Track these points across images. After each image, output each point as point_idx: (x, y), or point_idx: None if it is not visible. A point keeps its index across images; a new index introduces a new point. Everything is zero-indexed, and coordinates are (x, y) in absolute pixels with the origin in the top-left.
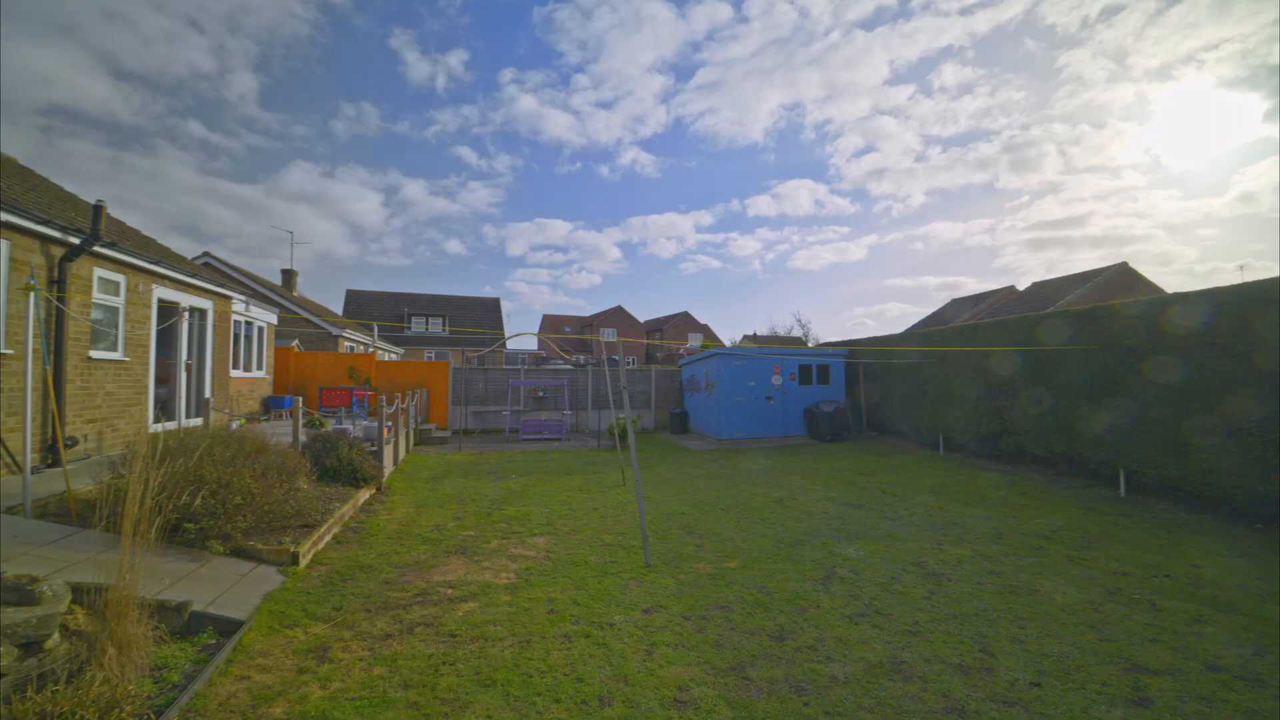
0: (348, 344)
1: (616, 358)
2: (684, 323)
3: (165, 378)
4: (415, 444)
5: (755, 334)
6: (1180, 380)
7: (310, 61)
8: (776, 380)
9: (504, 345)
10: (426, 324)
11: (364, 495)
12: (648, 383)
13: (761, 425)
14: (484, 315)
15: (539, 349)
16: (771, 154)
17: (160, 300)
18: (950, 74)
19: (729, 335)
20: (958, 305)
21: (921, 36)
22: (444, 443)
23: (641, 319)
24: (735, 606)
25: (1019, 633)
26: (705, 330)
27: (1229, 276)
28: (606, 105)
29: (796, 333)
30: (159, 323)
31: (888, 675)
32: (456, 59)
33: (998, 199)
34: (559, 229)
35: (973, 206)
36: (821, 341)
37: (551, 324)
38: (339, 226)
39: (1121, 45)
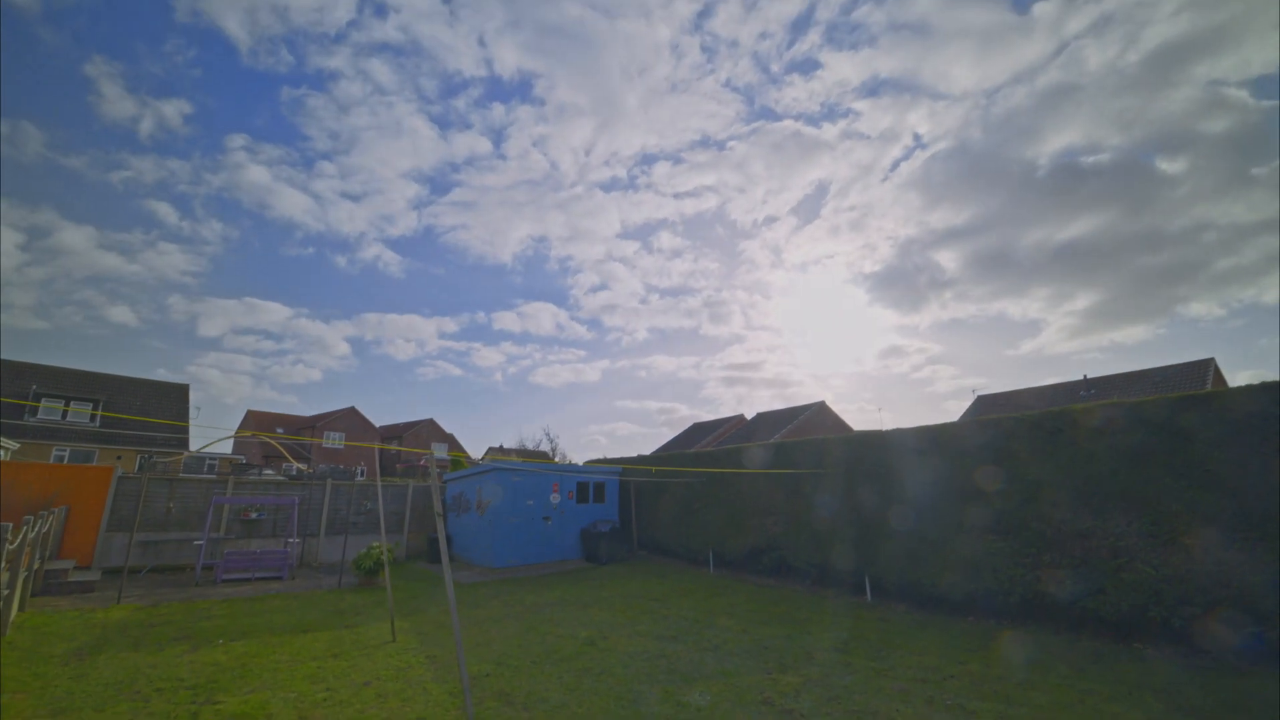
0: None
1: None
2: (427, 430)
3: None
4: (35, 594)
5: (502, 446)
6: (900, 501)
7: None
8: (555, 499)
9: (194, 447)
10: (66, 409)
11: None
12: (402, 501)
13: (538, 549)
14: (161, 404)
15: (236, 454)
16: (519, 276)
17: None
18: (666, 240)
19: (475, 447)
20: (699, 429)
21: (645, 207)
22: (89, 589)
23: (376, 423)
24: None
25: None
26: (450, 440)
27: (855, 416)
28: (354, 198)
29: (545, 447)
30: None
31: None
32: (175, 109)
33: (702, 342)
34: (275, 313)
35: (684, 345)
36: (569, 457)
37: (259, 421)
38: None
39: (778, 244)
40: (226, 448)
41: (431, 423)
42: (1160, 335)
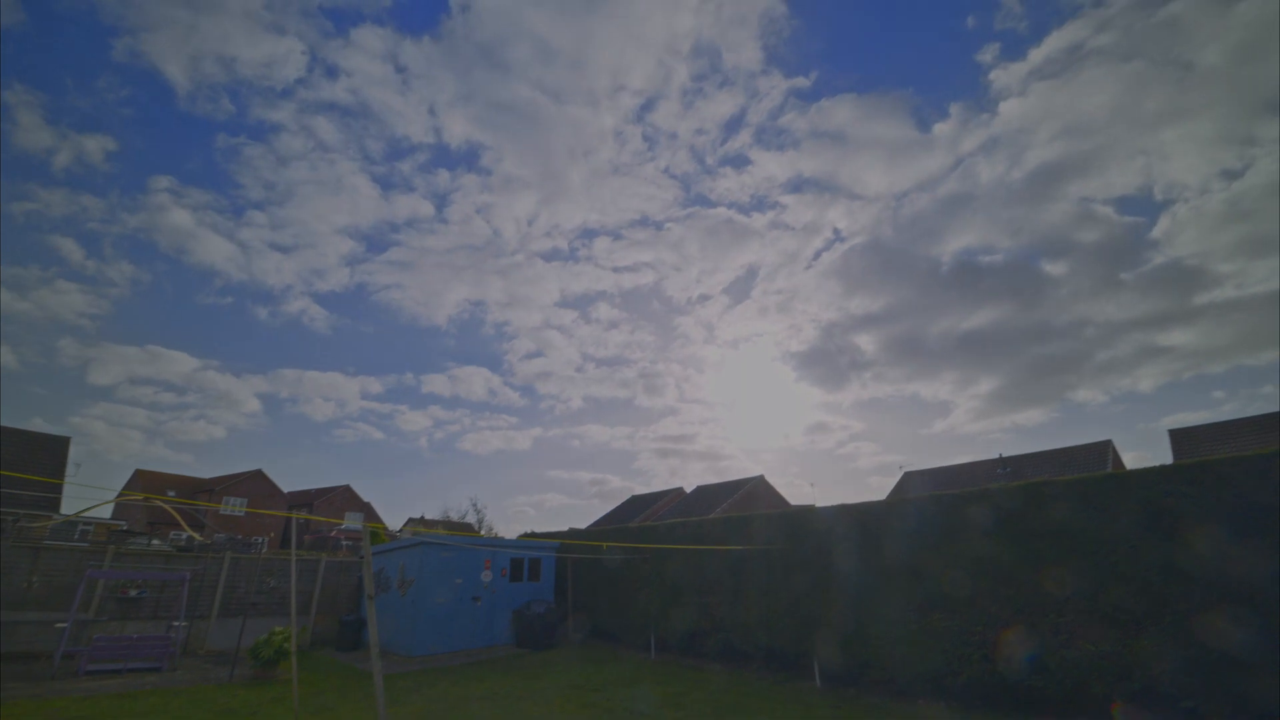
0: None
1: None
2: (342, 498)
3: None
4: None
5: (424, 517)
6: (847, 580)
7: None
8: (486, 577)
9: (69, 509)
10: None
11: None
12: (312, 579)
13: (466, 634)
14: (33, 459)
15: (116, 518)
16: (453, 339)
17: None
18: (604, 311)
19: (394, 517)
20: (638, 502)
21: (585, 278)
22: None
23: (284, 488)
24: None
25: None
26: (368, 509)
27: (786, 490)
28: (283, 249)
29: (470, 519)
30: None
31: None
32: (98, 145)
33: (636, 413)
34: (180, 364)
35: (618, 415)
36: (495, 530)
37: (148, 483)
38: None
39: (710, 321)
40: (106, 511)
41: (347, 489)
42: (1054, 418)
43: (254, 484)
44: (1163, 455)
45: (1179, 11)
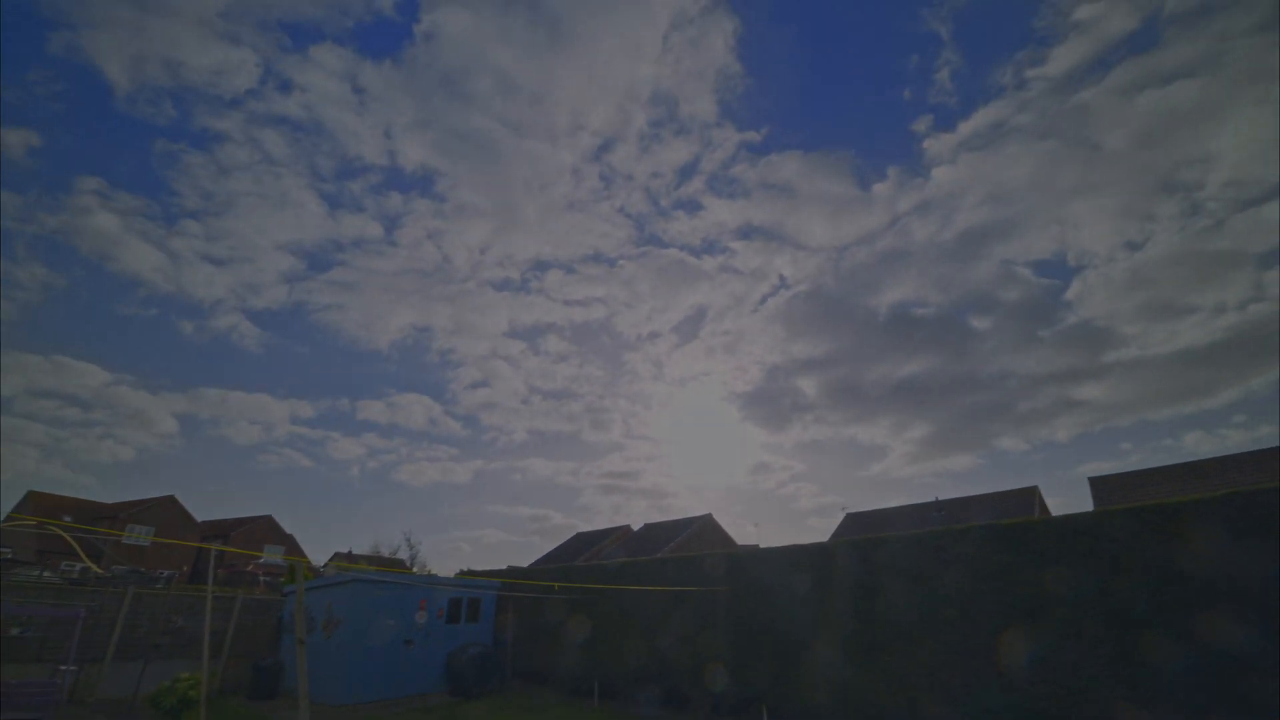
0: None
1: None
2: (262, 529)
3: None
4: None
5: (350, 552)
6: (796, 622)
7: None
8: (421, 618)
9: None
10: None
11: None
12: (225, 618)
13: (396, 680)
14: None
15: (0, 545)
16: (395, 364)
17: None
18: (553, 344)
19: (319, 551)
20: (583, 539)
21: (536, 309)
22: None
23: (198, 517)
24: None
25: None
26: (290, 541)
27: (731, 530)
28: (217, 262)
29: (403, 554)
30: None
31: None
32: (20, 139)
33: (581, 448)
34: (90, 377)
35: (563, 450)
36: (429, 567)
37: (40, 505)
38: None
39: (659, 359)
40: None
41: (269, 520)
42: (981, 464)
43: (164, 511)
44: (1081, 502)
45: (1089, 99)
